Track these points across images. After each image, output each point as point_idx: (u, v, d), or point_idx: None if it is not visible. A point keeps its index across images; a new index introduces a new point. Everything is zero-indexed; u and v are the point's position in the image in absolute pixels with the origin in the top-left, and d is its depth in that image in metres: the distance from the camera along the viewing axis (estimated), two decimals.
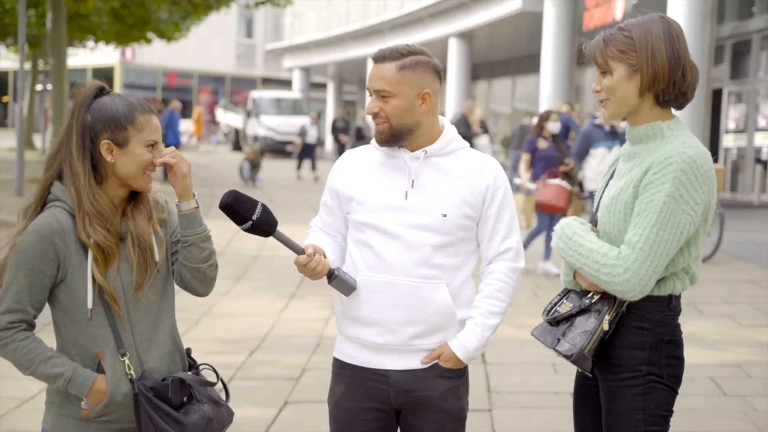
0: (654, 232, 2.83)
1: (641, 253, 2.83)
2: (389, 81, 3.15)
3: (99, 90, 2.90)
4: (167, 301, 2.97)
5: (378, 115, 3.17)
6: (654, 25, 2.93)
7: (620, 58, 2.93)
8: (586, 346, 2.95)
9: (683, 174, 2.82)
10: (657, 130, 2.95)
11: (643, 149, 2.96)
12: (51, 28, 20.05)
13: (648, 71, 2.90)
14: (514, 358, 7.29)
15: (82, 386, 2.77)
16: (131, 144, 2.82)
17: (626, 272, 2.84)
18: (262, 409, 5.99)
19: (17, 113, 17.69)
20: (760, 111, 20.34)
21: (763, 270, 11.32)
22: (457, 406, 3.25)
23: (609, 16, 20.79)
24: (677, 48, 2.91)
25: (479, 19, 26.52)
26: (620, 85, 2.95)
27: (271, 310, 8.94)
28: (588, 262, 2.92)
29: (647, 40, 2.90)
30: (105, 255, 2.78)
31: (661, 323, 2.96)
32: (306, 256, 3.16)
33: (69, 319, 2.81)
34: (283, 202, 18.92)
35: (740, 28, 20.25)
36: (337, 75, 44.47)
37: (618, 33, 2.96)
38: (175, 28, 27.04)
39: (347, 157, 3.36)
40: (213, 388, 2.98)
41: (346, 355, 3.30)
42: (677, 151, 2.85)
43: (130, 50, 46.87)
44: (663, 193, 2.82)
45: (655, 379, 2.95)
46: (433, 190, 3.17)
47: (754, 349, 7.59)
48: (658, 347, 2.95)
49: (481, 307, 3.22)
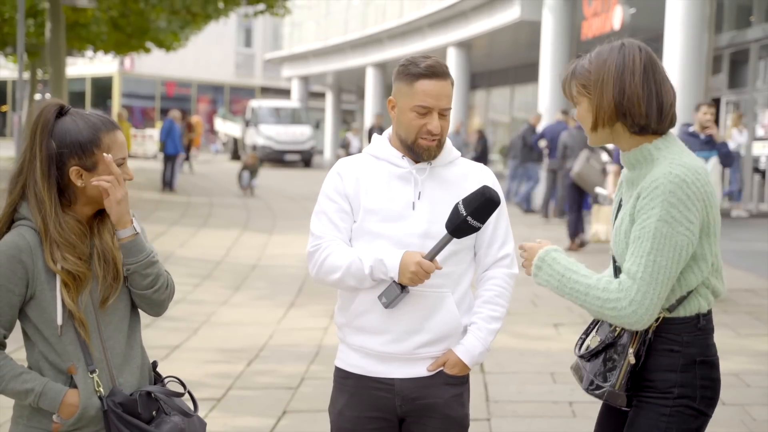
0: (651, 259, 2.79)
1: (642, 282, 2.79)
2: (450, 99, 3.20)
3: (59, 110, 2.82)
4: (136, 317, 2.95)
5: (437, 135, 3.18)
6: (610, 57, 2.90)
7: (582, 92, 2.95)
8: (615, 383, 2.91)
9: (672, 195, 2.78)
10: (645, 153, 2.91)
11: (638, 175, 2.93)
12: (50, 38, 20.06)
13: (595, 106, 2.91)
14: (512, 367, 7.29)
15: (54, 401, 2.75)
16: (100, 167, 2.78)
17: (631, 304, 2.80)
18: (261, 419, 5.99)
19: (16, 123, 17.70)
20: (758, 120, 20.36)
21: (761, 279, 11.32)
22: (462, 413, 3.28)
23: (607, 26, 20.82)
24: (624, 82, 2.87)
25: (478, 28, 26.55)
26: (584, 117, 2.97)
27: (269, 319, 8.93)
28: (589, 299, 2.88)
29: (600, 75, 2.90)
30: (77, 281, 2.75)
31: (691, 344, 2.92)
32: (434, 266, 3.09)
33: (39, 336, 2.79)
34: (281, 211, 18.93)
35: (738, 38, 20.28)
36: (336, 84, 44.50)
37: (583, 65, 2.96)
38: (174, 37, 27.06)
39: (350, 165, 3.30)
40: (181, 399, 2.96)
41: (349, 364, 3.29)
42: (663, 172, 2.81)
43: (129, 60, 46.91)
44: (654, 219, 2.78)
45: (685, 402, 2.91)
46: (438, 201, 3.19)
47: (752, 358, 7.59)
48: (690, 369, 2.91)
49: (482, 312, 3.26)
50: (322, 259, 3.19)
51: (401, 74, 3.21)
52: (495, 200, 3.03)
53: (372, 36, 34.46)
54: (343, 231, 3.22)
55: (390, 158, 3.25)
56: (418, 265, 3.03)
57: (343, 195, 3.24)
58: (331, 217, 3.24)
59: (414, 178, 3.21)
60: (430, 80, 3.14)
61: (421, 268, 3.03)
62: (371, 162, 3.28)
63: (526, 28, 24.21)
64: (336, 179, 3.27)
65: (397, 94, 3.23)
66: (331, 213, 3.24)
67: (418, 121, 3.16)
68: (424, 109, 3.14)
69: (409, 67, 3.18)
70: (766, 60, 20.21)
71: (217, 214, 17.95)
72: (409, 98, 3.16)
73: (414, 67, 3.17)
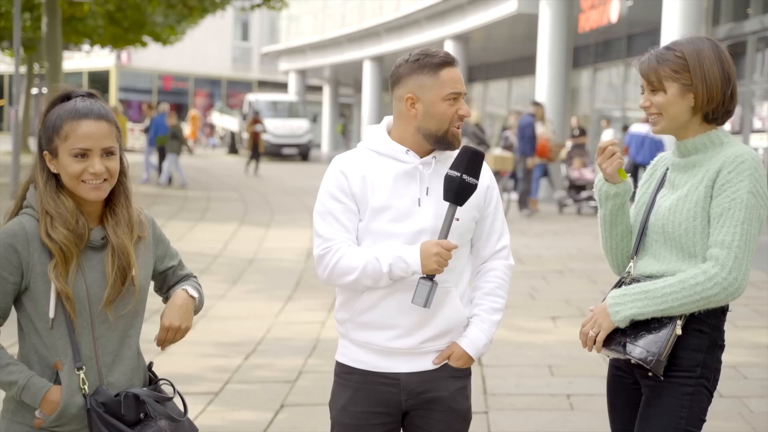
0: (745, 228, 2.95)
1: (738, 250, 2.95)
2: None
3: (64, 96, 2.81)
4: (138, 320, 2.92)
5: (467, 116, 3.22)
6: (704, 46, 3.07)
7: (674, 78, 3.06)
8: (663, 351, 2.98)
9: (756, 171, 2.97)
10: (714, 138, 3.08)
11: (701, 158, 3.08)
12: (46, 32, 20.04)
13: (703, 91, 3.04)
14: (510, 361, 7.29)
15: (35, 396, 2.73)
16: (60, 155, 2.76)
17: (731, 272, 2.95)
18: (259, 413, 5.99)
19: (13, 117, 17.65)
20: (755, 112, 20.36)
21: (759, 272, 11.32)
22: (465, 406, 3.28)
23: (604, 19, 20.82)
24: (727, 69, 3.06)
25: (475, 21, 26.53)
26: (673, 103, 3.07)
27: (267, 313, 8.93)
28: (685, 293, 2.96)
29: (700, 61, 3.04)
30: (64, 256, 2.72)
31: (717, 328, 3.07)
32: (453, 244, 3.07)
33: (32, 327, 2.78)
34: (278, 205, 18.92)
35: (736, 30, 20.26)
36: (333, 78, 44.48)
37: (669, 53, 3.08)
38: (171, 31, 27.05)
39: (352, 162, 3.21)
40: (172, 403, 2.92)
41: (353, 359, 3.25)
42: (746, 150, 3.00)
43: (125, 53, 46.87)
44: (744, 190, 2.95)
45: (704, 383, 3.05)
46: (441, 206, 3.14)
47: (750, 350, 7.60)
48: (712, 351, 3.06)
49: (484, 304, 3.26)
50: (334, 262, 3.12)
51: (421, 68, 3.15)
52: (478, 152, 3.09)
53: (369, 29, 34.44)
54: (351, 231, 3.16)
55: (393, 154, 3.19)
56: (439, 245, 3.01)
57: (349, 194, 3.15)
58: (339, 218, 3.15)
59: (420, 174, 3.17)
60: (452, 68, 3.17)
61: (441, 248, 3.01)
62: (373, 158, 3.21)
63: (524, 20, 24.19)
64: (340, 178, 3.17)
65: (420, 89, 3.14)
66: (337, 213, 3.16)
67: (452, 109, 3.14)
68: (455, 95, 3.15)
69: (427, 58, 3.16)
70: (764, 52, 20.20)
71: (214, 208, 17.94)
72: (438, 89, 3.13)
73: (432, 58, 3.15)
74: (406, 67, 3.17)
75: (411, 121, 3.17)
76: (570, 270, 11.07)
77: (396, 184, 3.15)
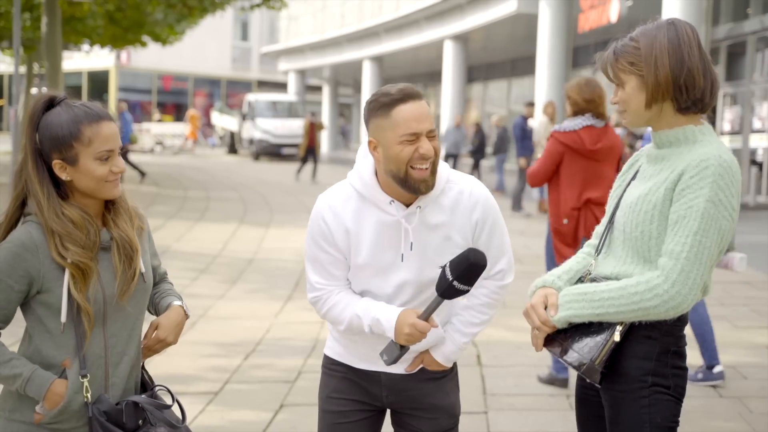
0: (698, 239, 2.72)
1: (686, 262, 2.72)
2: (430, 115, 3.00)
3: (48, 103, 2.79)
4: (142, 314, 2.94)
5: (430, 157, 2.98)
6: (660, 33, 2.86)
7: (630, 70, 2.88)
8: (596, 358, 2.82)
9: (721, 178, 2.73)
10: (689, 134, 2.87)
11: (673, 152, 2.88)
12: (46, 32, 20.02)
13: (651, 81, 2.84)
14: (509, 361, 7.29)
15: (40, 387, 2.73)
16: (81, 160, 2.73)
17: (674, 285, 2.72)
18: (258, 413, 5.99)
19: (13, 117, 17.65)
20: (755, 112, 20.36)
21: (758, 272, 11.33)
22: (448, 402, 3.32)
23: (604, 19, 20.81)
24: (683, 54, 2.83)
25: (475, 21, 26.54)
26: (633, 96, 2.89)
27: (266, 313, 8.93)
28: (623, 301, 2.77)
29: (652, 50, 2.84)
30: (83, 273, 2.72)
31: (669, 333, 2.87)
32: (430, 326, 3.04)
33: (42, 329, 2.78)
34: (278, 205, 18.92)
35: (735, 30, 20.27)
36: (333, 78, 44.48)
37: (628, 44, 2.90)
38: (170, 31, 27.02)
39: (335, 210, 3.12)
40: (169, 410, 2.94)
41: (338, 353, 3.35)
42: (714, 154, 2.77)
43: (125, 53, 46.88)
44: (703, 198, 2.72)
45: (661, 390, 2.86)
46: (428, 245, 3.10)
47: (749, 350, 7.60)
48: (663, 358, 2.86)
49: (462, 315, 3.27)
50: (324, 311, 3.20)
51: (375, 109, 2.99)
52: (480, 264, 2.93)
53: (369, 29, 34.44)
54: (341, 278, 3.18)
55: (377, 202, 3.08)
56: (413, 326, 3.00)
57: (333, 245, 3.12)
58: (326, 267, 3.16)
59: (404, 229, 3.07)
60: (407, 104, 2.95)
61: (415, 329, 3.01)
62: (358, 204, 3.11)
63: (523, 20, 24.20)
64: (324, 228, 3.12)
65: (377, 131, 3.00)
66: (325, 264, 3.16)
67: (409, 149, 2.95)
68: (411, 137, 2.94)
69: (381, 98, 2.98)
70: (764, 52, 20.20)
71: (213, 208, 17.94)
72: (392, 130, 2.95)
73: (386, 97, 2.96)
74: (366, 109, 3.03)
75: (379, 165, 3.06)
76: None
77: (379, 238, 3.09)
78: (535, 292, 3.03)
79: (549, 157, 6.44)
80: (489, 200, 3.16)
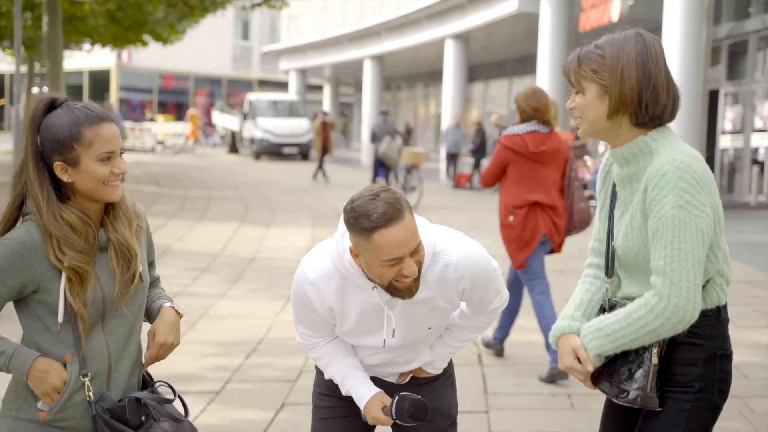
0: (676, 248, 2.69)
1: (673, 273, 2.69)
2: (417, 233, 2.88)
3: (50, 104, 2.79)
4: (141, 312, 2.94)
5: (412, 275, 2.90)
6: (628, 44, 2.81)
7: (592, 78, 2.83)
8: (646, 386, 2.80)
9: (681, 180, 2.70)
10: (642, 146, 2.82)
11: (634, 171, 2.85)
12: (47, 31, 20.02)
13: (616, 93, 2.79)
14: (510, 360, 7.29)
15: (23, 364, 2.73)
16: (82, 162, 2.73)
17: (669, 300, 2.70)
18: (259, 412, 5.99)
19: (14, 116, 17.66)
20: (756, 112, 20.35)
21: (759, 271, 11.32)
22: (442, 404, 3.34)
23: (605, 18, 20.80)
24: (650, 68, 2.79)
25: (476, 20, 26.52)
26: (592, 105, 2.84)
27: (267, 312, 8.93)
28: (632, 329, 2.76)
29: (619, 61, 2.79)
30: (80, 277, 2.72)
31: (713, 337, 2.85)
32: None
33: (40, 325, 2.78)
34: (279, 204, 18.92)
35: (737, 29, 20.26)
36: (334, 77, 44.47)
37: (593, 51, 2.84)
38: (171, 30, 27.02)
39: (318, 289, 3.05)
40: (171, 404, 2.94)
41: None
42: (667, 160, 2.73)
43: (126, 53, 46.89)
44: (669, 206, 2.70)
45: (705, 396, 2.84)
46: (413, 318, 3.09)
47: (751, 350, 7.59)
48: (710, 363, 2.84)
49: (454, 332, 3.30)
50: (312, 356, 3.30)
51: (354, 229, 2.85)
52: (419, 417, 3.05)
53: (369, 28, 34.43)
54: (326, 333, 3.23)
55: (360, 285, 3.01)
56: (375, 420, 3.13)
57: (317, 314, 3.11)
58: (313, 327, 3.20)
59: (387, 315, 3.04)
60: (388, 228, 2.79)
61: (377, 421, 3.12)
62: (340, 282, 3.04)
63: (524, 20, 24.18)
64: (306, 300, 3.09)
65: (357, 246, 2.88)
66: (310, 325, 3.20)
67: (392, 271, 2.86)
68: (394, 260, 2.83)
69: (360, 221, 2.81)
70: (765, 51, 20.19)
71: (214, 208, 17.94)
72: (373, 254, 2.84)
73: (365, 221, 2.80)
74: (345, 218, 2.89)
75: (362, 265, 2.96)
76: (570, 269, 11.06)
77: (364, 315, 3.07)
78: (560, 345, 2.98)
79: (496, 160, 6.96)
80: (476, 266, 3.06)
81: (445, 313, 3.16)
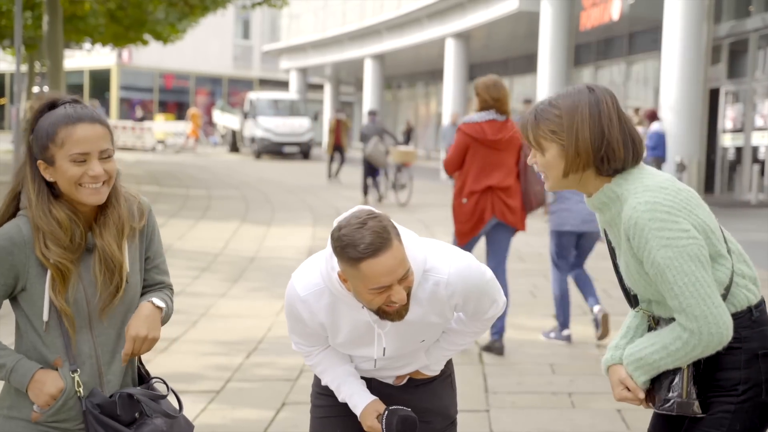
0: (680, 285, 2.73)
1: (690, 308, 2.73)
2: (405, 260, 2.85)
3: (49, 105, 2.79)
4: (130, 312, 2.88)
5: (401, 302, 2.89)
6: (582, 100, 2.84)
7: (552, 138, 2.85)
8: (681, 393, 2.84)
9: (653, 222, 2.73)
10: (609, 193, 2.87)
11: (612, 216, 2.89)
12: (47, 30, 20.02)
13: (572, 153, 2.83)
14: (511, 359, 7.29)
15: (23, 377, 2.73)
16: (57, 162, 2.72)
17: (701, 331, 2.74)
18: (260, 411, 5.99)
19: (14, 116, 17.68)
20: (757, 110, 20.35)
21: (760, 269, 11.31)
22: (440, 405, 3.34)
23: (606, 16, 20.81)
24: (603, 126, 2.82)
25: (476, 19, 26.53)
26: (554, 164, 2.88)
27: (268, 311, 8.93)
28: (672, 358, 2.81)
29: (573, 120, 2.82)
30: (62, 275, 2.71)
31: (750, 338, 2.84)
32: None
33: (30, 326, 2.78)
34: (279, 203, 18.92)
35: (737, 28, 20.26)
36: (335, 76, 44.48)
37: (549, 110, 2.86)
38: (172, 29, 27.02)
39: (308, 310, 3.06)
40: (166, 400, 2.92)
41: None
42: (631, 206, 2.77)
43: (126, 52, 46.88)
44: (654, 252, 2.73)
45: (751, 396, 2.84)
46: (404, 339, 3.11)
47: None
48: (753, 363, 2.84)
49: (451, 336, 3.29)
50: (309, 364, 3.33)
51: (341, 257, 2.83)
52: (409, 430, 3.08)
53: (370, 27, 34.44)
54: (320, 344, 3.25)
55: (350, 304, 3.01)
56: (371, 429, 3.15)
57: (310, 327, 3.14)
58: (305, 337, 3.23)
59: (377, 334, 3.04)
60: (376, 258, 2.77)
61: (374, 430, 3.14)
62: (331, 299, 3.03)
63: (525, 18, 24.19)
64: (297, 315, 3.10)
65: (345, 273, 2.86)
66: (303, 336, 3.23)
67: (380, 298, 2.85)
68: (382, 288, 2.82)
69: (347, 250, 2.78)
70: (766, 50, 20.19)
71: (215, 207, 17.94)
72: (361, 281, 2.82)
73: (353, 251, 2.77)
74: (332, 246, 2.86)
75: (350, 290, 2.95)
76: None
77: (356, 330, 3.07)
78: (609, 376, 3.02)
79: (457, 147, 7.33)
80: (468, 281, 3.05)
81: (438, 327, 3.16)
